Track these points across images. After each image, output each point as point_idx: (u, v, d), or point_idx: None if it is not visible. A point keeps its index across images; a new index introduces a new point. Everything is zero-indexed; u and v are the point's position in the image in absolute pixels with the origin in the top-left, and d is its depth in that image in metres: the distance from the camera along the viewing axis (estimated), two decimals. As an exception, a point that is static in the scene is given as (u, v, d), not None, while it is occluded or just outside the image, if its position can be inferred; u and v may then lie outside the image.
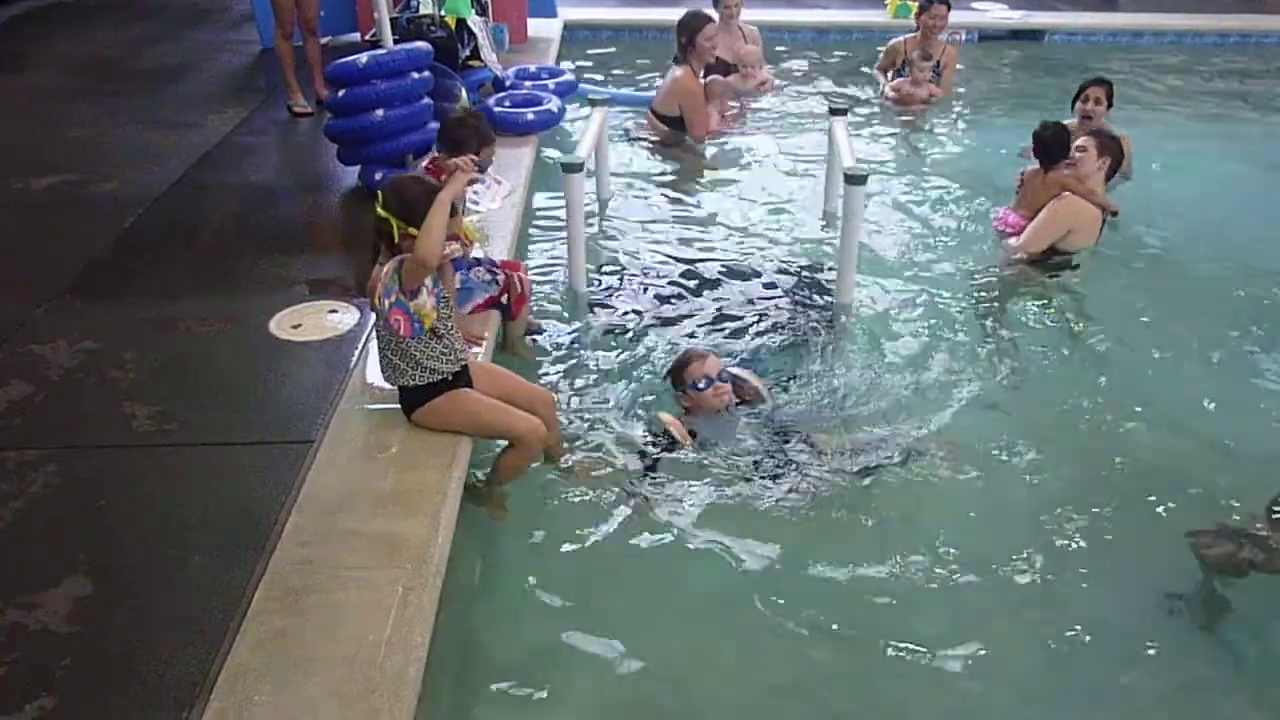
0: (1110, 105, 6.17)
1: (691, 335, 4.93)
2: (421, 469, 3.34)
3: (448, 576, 3.00)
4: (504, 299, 4.41)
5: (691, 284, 5.44)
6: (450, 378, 3.51)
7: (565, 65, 8.33)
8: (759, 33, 8.73)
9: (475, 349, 4.01)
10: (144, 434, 3.54)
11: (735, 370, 4.36)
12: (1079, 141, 5.57)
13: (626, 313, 5.15)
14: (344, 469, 3.36)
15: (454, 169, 3.57)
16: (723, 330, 4.98)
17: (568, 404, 4.28)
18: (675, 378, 4.22)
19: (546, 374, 4.54)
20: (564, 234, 5.44)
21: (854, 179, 4.96)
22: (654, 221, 6.29)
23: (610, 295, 5.34)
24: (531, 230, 6.05)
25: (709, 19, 7.38)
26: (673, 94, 7.35)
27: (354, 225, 5.33)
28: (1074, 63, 9.84)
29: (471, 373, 3.63)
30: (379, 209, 3.36)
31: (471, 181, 3.76)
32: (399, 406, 3.58)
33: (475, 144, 4.12)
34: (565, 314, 5.15)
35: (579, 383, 4.49)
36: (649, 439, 4.05)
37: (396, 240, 3.35)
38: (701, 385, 4.08)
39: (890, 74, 8.68)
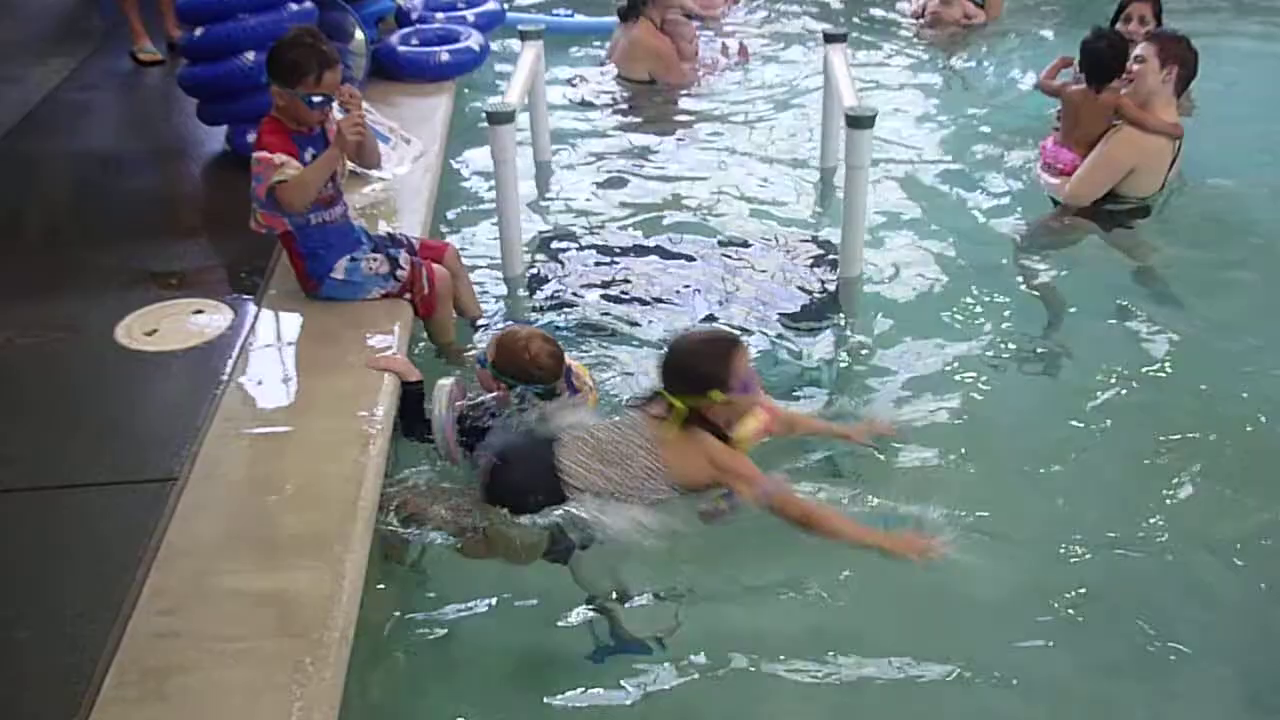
0: (1159, 24, 6.21)
1: (652, 328, 4.91)
2: (319, 507, 3.30)
3: (356, 643, 2.95)
4: (407, 297, 4.42)
5: (657, 263, 5.46)
6: None
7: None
8: None
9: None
10: (-45, 478, 3.48)
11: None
12: (1136, 50, 5.59)
13: (575, 301, 5.14)
14: (218, 511, 3.31)
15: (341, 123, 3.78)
16: (697, 319, 4.97)
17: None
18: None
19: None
20: (493, 204, 5.42)
21: (857, 121, 4.98)
22: (609, 186, 6.31)
23: (555, 280, 5.33)
24: (452, 201, 6.02)
25: None
26: (635, 57, 7.52)
27: (221, 201, 5.28)
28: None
29: None
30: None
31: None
32: (289, 429, 3.58)
33: (316, 67, 4.09)
34: (497, 304, 5.14)
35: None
36: None
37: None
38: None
39: None
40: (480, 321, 4.90)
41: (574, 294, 5.21)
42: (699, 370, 3.61)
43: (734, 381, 3.58)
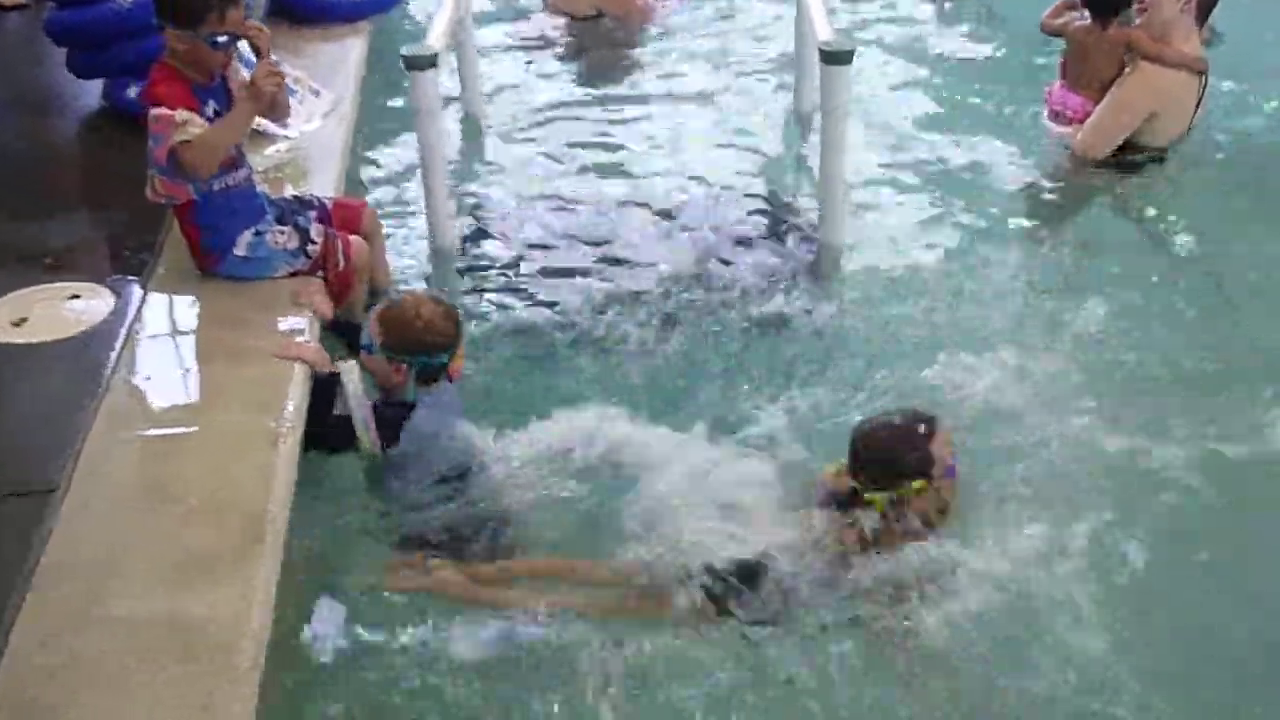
0: None
1: (603, 307, 4.91)
2: (222, 516, 3.28)
3: (269, 669, 2.93)
4: (320, 274, 4.39)
5: (608, 228, 5.46)
6: None
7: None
8: None
9: None
10: None
11: None
12: None
13: (514, 277, 5.15)
14: (105, 523, 3.28)
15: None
16: (653, 297, 4.97)
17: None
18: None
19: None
20: (417, 164, 5.40)
21: (834, 56, 4.96)
22: (551, 140, 6.31)
23: (489, 251, 5.34)
24: (370, 163, 6.01)
25: None
26: None
27: (100, 165, 5.25)
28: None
29: None
30: None
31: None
32: (184, 428, 3.56)
33: (217, 4, 4.06)
34: (423, 280, 5.13)
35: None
36: None
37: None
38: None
39: None
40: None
41: (512, 267, 5.22)
42: (901, 460, 3.61)
43: (937, 469, 3.60)
